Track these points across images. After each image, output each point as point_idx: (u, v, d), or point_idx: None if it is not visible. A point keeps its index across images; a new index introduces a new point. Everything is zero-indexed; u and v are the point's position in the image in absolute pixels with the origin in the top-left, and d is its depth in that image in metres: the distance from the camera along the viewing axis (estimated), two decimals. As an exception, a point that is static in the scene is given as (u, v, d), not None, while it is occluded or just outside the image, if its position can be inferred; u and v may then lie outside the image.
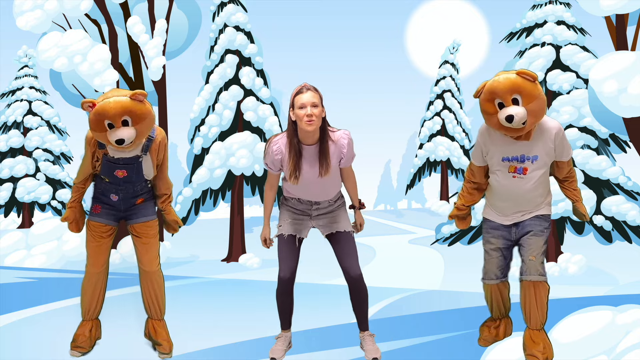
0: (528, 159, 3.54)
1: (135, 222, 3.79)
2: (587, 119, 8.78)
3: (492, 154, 3.64)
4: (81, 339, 3.83)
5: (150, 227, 3.81)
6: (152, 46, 9.32)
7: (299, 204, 3.74)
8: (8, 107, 15.55)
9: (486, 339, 3.94)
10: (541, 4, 9.63)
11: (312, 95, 3.49)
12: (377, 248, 11.47)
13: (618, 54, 7.77)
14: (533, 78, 3.39)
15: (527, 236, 3.65)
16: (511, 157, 3.57)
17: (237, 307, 5.34)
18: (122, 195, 3.73)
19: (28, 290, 6.29)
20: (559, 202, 8.46)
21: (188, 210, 9.78)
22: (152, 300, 3.91)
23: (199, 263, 9.66)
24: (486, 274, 3.83)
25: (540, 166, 3.57)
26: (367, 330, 3.82)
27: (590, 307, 3.96)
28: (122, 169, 3.64)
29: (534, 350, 3.58)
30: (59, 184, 15.39)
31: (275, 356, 3.73)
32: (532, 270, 3.60)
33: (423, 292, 6.17)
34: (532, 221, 3.66)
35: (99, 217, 3.75)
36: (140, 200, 3.80)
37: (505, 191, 3.63)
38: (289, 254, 3.70)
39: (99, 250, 3.76)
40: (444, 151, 18.18)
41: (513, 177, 3.57)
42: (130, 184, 3.71)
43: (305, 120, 3.45)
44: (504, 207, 3.71)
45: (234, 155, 9.58)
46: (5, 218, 15.17)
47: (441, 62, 18.87)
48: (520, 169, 3.55)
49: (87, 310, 3.86)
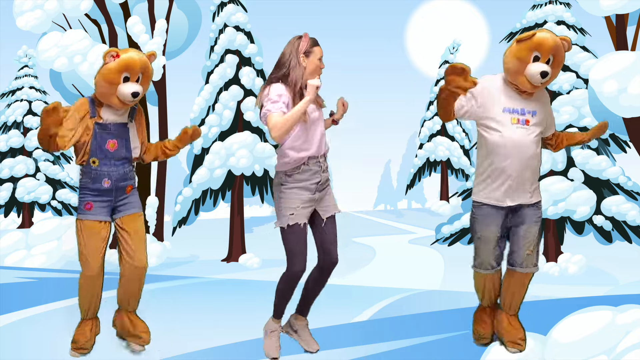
0: (529, 112, 3.59)
1: (124, 214, 3.74)
2: (587, 119, 8.77)
3: (489, 104, 3.59)
4: (82, 339, 3.80)
5: (141, 219, 3.78)
6: (152, 46, 9.32)
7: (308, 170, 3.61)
8: (8, 107, 15.53)
9: (483, 336, 3.85)
10: (541, 4, 9.62)
11: None
12: (377, 248, 11.47)
13: (618, 54, 7.77)
14: (569, 48, 3.58)
15: (522, 227, 3.65)
16: (512, 109, 3.59)
17: (237, 307, 5.33)
18: (115, 177, 3.68)
19: (28, 290, 6.29)
20: (559, 202, 8.46)
21: (188, 210, 9.78)
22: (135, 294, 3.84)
23: (199, 263, 9.66)
24: (481, 264, 3.74)
25: (538, 122, 3.61)
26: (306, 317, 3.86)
27: (590, 307, 3.96)
28: (113, 137, 3.65)
29: (516, 338, 3.65)
30: (59, 184, 15.38)
31: (275, 355, 3.72)
32: (528, 263, 3.64)
33: (423, 292, 6.17)
34: (527, 210, 3.64)
35: (92, 215, 3.66)
36: (130, 187, 3.77)
37: (510, 143, 3.54)
38: (304, 246, 3.59)
39: (95, 252, 3.66)
40: (444, 151, 18.17)
41: (517, 128, 3.56)
42: (119, 161, 3.68)
43: (319, 75, 3.59)
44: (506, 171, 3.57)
45: (234, 155, 9.58)
46: (5, 218, 15.16)
47: (441, 62, 18.86)
48: (522, 121, 3.57)
49: (86, 311, 3.83)
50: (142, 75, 3.63)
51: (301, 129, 3.58)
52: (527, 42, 3.52)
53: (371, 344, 4.02)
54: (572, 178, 8.58)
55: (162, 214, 10.08)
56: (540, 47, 3.49)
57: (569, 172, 8.64)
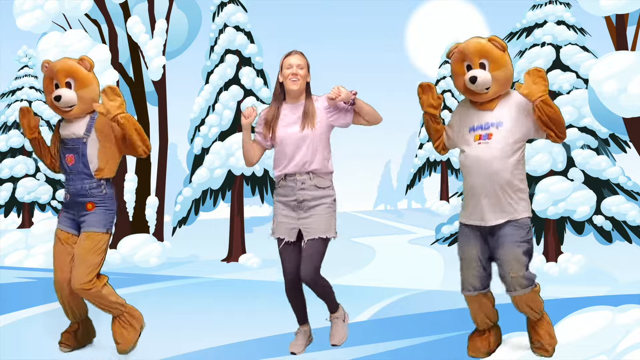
0: (492, 125, 3.48)
1: (81, 230, 3.68)
2: (587, 119, 8.78)
3: (461, 128, 3.59)
4: (65, 336, 3.89)
5: (90, 239, 3.62)
6: (152, 46, 9.33)
7: (286, 185, 3.69)
8: (8, 107, 15.56)
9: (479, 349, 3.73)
10: (541, 4, 9.62)
11: (298, 58, 3.71)
12: (377, 248, 11.47)
13: (618, 54, 7.77)
14: (503, 47, 3.44)
15: (500, 250, 3.45)
16: (476, 126, 3.53)
17: (237, 307, 5.33)
18: (72, 192, 3.69)
19: (28, 290, 6.29)
20: (559, 202, 8.46)
21: (188, 210, 9.79)
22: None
23: (199, 263, 9.66)
24: (463, 284, 3.63)
25: (506, 134, 3.45)
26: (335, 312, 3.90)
27: (590, 307, 3.96)
28: (70, 152, 3.67)
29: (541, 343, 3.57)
30: (59, 184, 15.39)
31: (294, 351, 3.77)
32: (515, 286, 3.43)
33: (423, 292, 6.17)
34: (507, 230, 3.45)
35: (59, 224, 3.78)
36: (90, 205, 3.67)
37: (474, 162, 3.48)
38: (289, 256, 3.71)
39: (58, 259, 3.73)
40: (444, 151, 18.18)
41: (478, 144, 3.47)
42: (77, 176, 3.66)
43: (290, 79, 3.65)
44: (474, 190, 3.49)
45: (233, 155, 9.58)
46: (5, 218, 15.17)
47: (441, 62, 18.86)
48: (485, 136, 3.48)
49: (67, 315, 3.88)
50: (74, 81, 3.62)
51: (277, 146, 3.73)
52: (454, 56, 3.53)
53: (371, 344, 4.02)
54: (572, 178, 8.58)
55: (162, 214, 10.09)
56: (465, 55, 3.46)
57: (569, 172, 8.64)
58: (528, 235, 3.48)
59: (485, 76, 3.41)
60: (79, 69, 3.66)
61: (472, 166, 3.49)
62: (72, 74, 3.63)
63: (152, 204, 9.71)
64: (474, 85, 3.42)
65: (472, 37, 3.52)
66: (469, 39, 3.51)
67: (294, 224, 3.69)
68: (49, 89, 3.68)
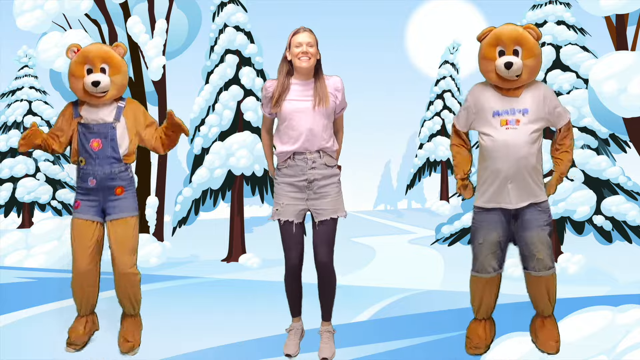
0: (519, 112, 3.54)
1: (113, 217, 3.74)
2: (587, 119, 8.78)
3: (482, 111, 3.61)
4: (74, 335, 3.86)
5: (129, 224, 3.75)
6: (152, 46, 9.32)
7: (295, 165, 3.60)
8: (8, 107, 15.54)
9: (477, 346, 3.78)
10: (541, 4, 9.62)
11: (308, 36, 3.61)
12: (377, 248, 11.47)
13: (618, 54, 7.77)
14: (538, 36, 3.50)
15: (527, 233, 3.56)
16: (501, 111, 3.56)
17: (237, 307, 5.33)
18: (99, 176, 3.68)
19: (28, 290, 6.29)
20: (559, 202, 8.46)
21: (188, 210, 9.79)
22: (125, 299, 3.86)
23: (199, 263, 9.66)
24: (481, 267, 3.67)
25: (531, 120, 3.54)
26: (328, 321, 3.79)
27: (590, 307, 3.96)
28: (97, 137, 3.67)
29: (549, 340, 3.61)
30: (59, 184, 15.38)
31: (290, 352, 3.72)
32: (541, 267, 3.55)
33: (423, 292, 6.16)
34: (533, 214, 3.57)
35: (80, 214, 3.73)
36: (120, 189, 3.75)
37: (502, 147, 3.52)
38: (292, 240, 3.63)
39: (82, 250, 3.71)
40: (444, 151, 18.17)
41: (506, 129, 3.53)
42: (105, 160, 3.68)
43: (300, 57, 3.55)
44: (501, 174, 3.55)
45: (234, 155, 9.59)
46: (5, 218, 15.16)
47: (441, 62, 18.85)
48: (512, 121, 3.53)
49: (79, 308, 3.89)
50: (108, 67, 3.68)
51: (284, 121, 3.61)
52: (487, 39, 3.55)
53: (371, 344, 4.02)
54: (572, 178, 8.58)
55: (162, 214, 10.08)
56: (500, 39, 3.50)
57: (569, 172, 8.64)
58: (550, 218, 3.62)
59: (520, 63, 3.46)
60: (114, 54, 3.72)
61: (499, 150, 3.53)
62: (107, 59, 3.68)
63: (152, 204, 9.70)
64: (508, 71, 3.45)
65: (507, 23, 3.57)
66: (504, 25, 3.56)
67: (302, 205, 3.62)
68: (78, 74, 3.67)
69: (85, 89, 3.66)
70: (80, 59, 3.66)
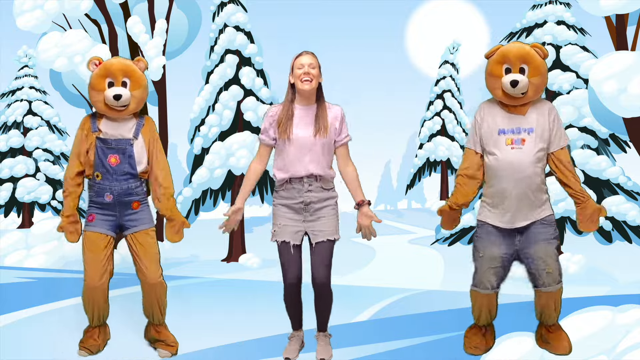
0: (524, 131, 3.54)
1: (134, 230, 3.76)
2: (587, 119, 8.78)
3: (488, 129, 3.61)
4: (90, 342, 3.87)
5: (151, 235, 3.80)
6: (152, 46, 9.31)
7: (291, 188, 3.65)
8: (8, 107, 15.54)
9: (476, 346, 3.81)
10: (541, 4, 9.63)
11: (310, 58, 3.64)
12: (377, 248, 11.45)
13: (618, 54, 7.77)
14: (544, 55, 3.53)
15: (533, 248, 3.55)
16: (507, 130, 3.56)
17: (237, 307, 5.33)
18: (117, 191, 3.68)
19: (28, 290, 6.29)
20: (559, 202, 8.46)
21: (188, 210, 9.78)
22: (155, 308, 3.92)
23: (199, 263, 9.65)
24: (481, 283, 3.67)
25: (536, 140, 3.53)
26: (324, 331, 3.81)
27: (590, 307, 3.97)
28: (115, 152, 3.65)
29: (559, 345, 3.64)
30: (59, 184, 15.37)
31: (289, 356, 3.74)
32: (550, 281, 3.55)
33: (423, 292, 6.17)
34: (537, 229, 3.57)
35: (94, 227, 3.71)
36: (136, 204, 3.76)
37: (506, 166, 3.53)
38: (290, 260, 3.66)
39: (94, 263, 3.70)
40: (444, 151, 18.17)
41: (511, 149, 3.52)
42: (122, 176, 3.67)
43: (302, 79, 3.56)
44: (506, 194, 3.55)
45: (234, 155, 9.58)
46: (5, 218, 15.16)
47: (441, 62, 18.84)
48: (517, 140, 3.53)
49: (91, 318, 3.88)
50: (129, 81, 3.66)
51: (282, 151, 3.67)
52: (494, 57, 3.57)
53: (371, 344, 4.03)
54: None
55: (162, 214, 10.08)
56: (506, 57, 3.52)
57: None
58: (555, 232, 3.62)
59: (525, 81, 3.48)
60: (135, 69, 3.71)
61: (505, 170, 3.53)
62: (129, 73, 3.67)
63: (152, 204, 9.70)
64: (514, 89, 3.46)
65: (514, 42, 3.68)
66: (511, 43, 3.62)
67: (299, 226, 3.66)
68: (99, 87, 3.64)
69: (105, 102, 3.63)
70: (102, 72, 3.65)
